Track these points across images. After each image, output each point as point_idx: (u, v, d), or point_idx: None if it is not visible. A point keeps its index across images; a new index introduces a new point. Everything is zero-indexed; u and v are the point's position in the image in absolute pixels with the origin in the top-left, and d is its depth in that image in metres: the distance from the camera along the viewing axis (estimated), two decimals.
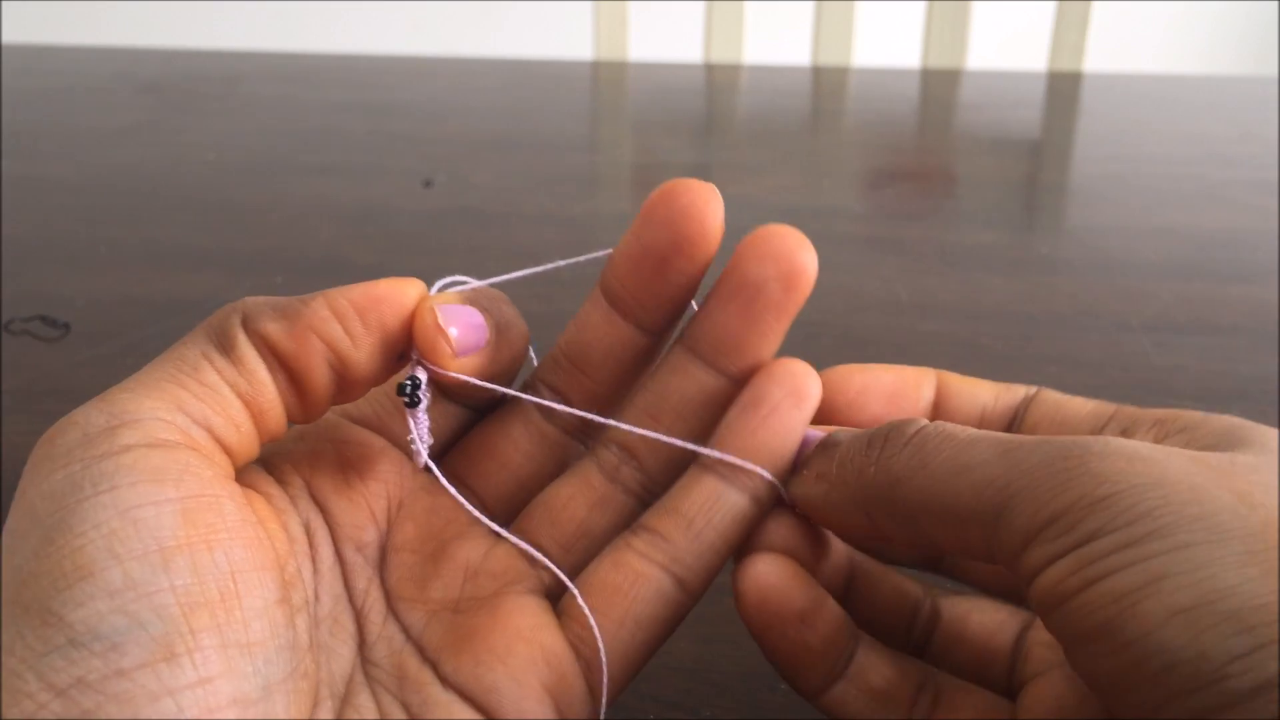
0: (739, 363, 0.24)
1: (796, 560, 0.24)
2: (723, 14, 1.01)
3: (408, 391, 0.23)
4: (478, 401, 0.25)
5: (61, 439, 0.20)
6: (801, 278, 0.23)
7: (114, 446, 0.19)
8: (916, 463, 0.21)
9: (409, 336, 0.22)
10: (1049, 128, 0.82)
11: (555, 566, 0.24)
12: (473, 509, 0.23)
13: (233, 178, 0.68)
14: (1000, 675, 0.25)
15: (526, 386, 0.26)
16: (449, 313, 0.22)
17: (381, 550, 0.24)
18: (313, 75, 0.94)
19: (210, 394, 0.21)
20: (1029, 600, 0.19)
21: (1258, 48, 2.00)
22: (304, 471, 0.24)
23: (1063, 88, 0.91)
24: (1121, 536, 0.17)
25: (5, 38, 1.58)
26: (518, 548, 0.24)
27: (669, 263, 0.24)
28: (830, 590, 0.24)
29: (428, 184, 0.66)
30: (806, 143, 0.79)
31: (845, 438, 0.23)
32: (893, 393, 0.26)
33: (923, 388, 0.26)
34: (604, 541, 0.25)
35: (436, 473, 0.23)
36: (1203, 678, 0.16)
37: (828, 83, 0.94)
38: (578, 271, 0.26)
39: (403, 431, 0.24)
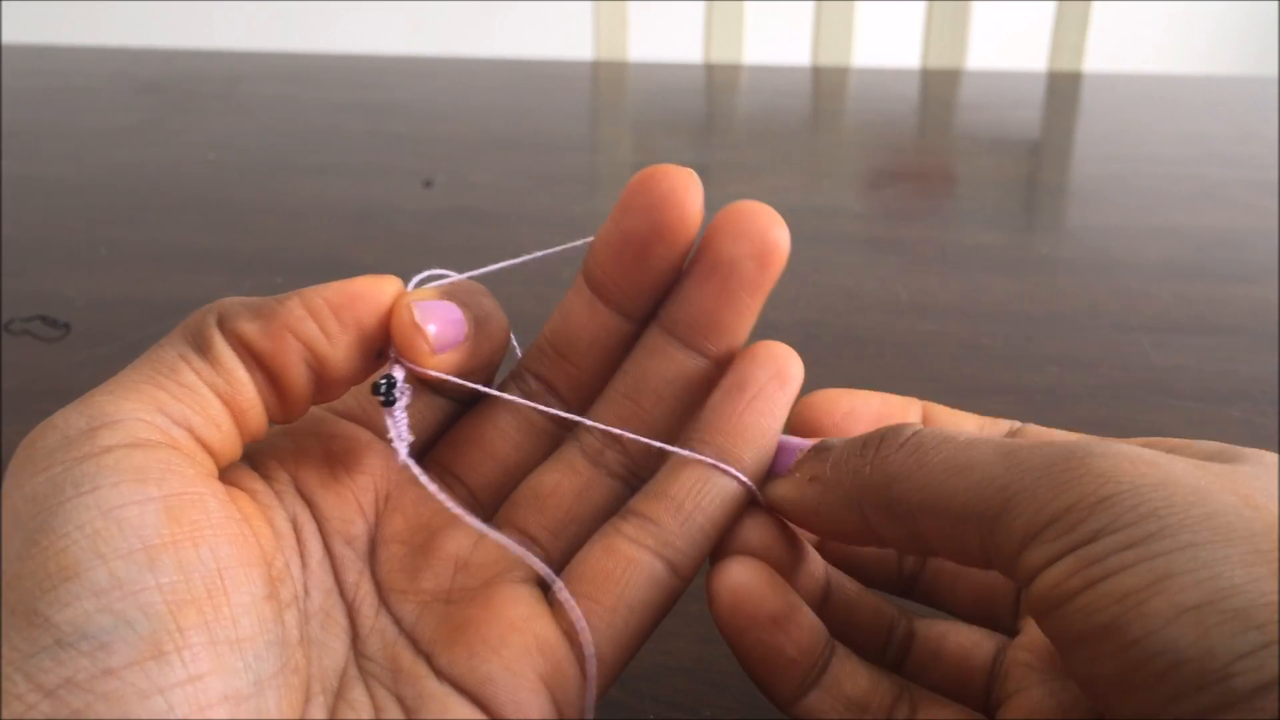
0: (716, 342, 0.24)
1: (772, 564, 0.24)
2: (723, 14, 1.01)
3: (383, 391, 0.22)
4: (462, 393, 0.25)
5: (42, 442, 0.20)
6: (775, 254, 0.23)
7: (95, 448, 0.19)
8: (914, 462, 0.21)
9: (387, 334, 0.22)
10: (1049, 128, 0.82)
11: (543, 558, 0.24)
12: (453, 505, 0.23)
13: (233, 178, 0.68)
14: (977, 694, 0.25)
15: (512, 376, 0.26)
16: (426, 309, 0.22)
17: (371, 543, 0.24)
18: (313, 75, 0.94)
19: (189, 394, 0.21)
20: (1025, 603, 0.19)
21: (1258, 48, 2.00)
22: (289, 467, 0.24)
23: (1063, 88, 0.91)
24: (1125, 536, 0.17)
25: (5, 38, 1.58)
26: (504, 548, 0.24)
27: (650, 249, 0.24)
28: (807, 601, 0.24)
29: (428, 184, 0.66)
30: (806, 143, 0.79)
31: (838, 442, 0.23)
32: (879, 417, 0.26)
33: (909, 415, 0.26)
34: (593, 526, 0.24)
35: (416, 470, 0.23)
36: (1208, 676, 0.16)
37: (828, 83, 0.94)
38: (573, 269, 0.26)
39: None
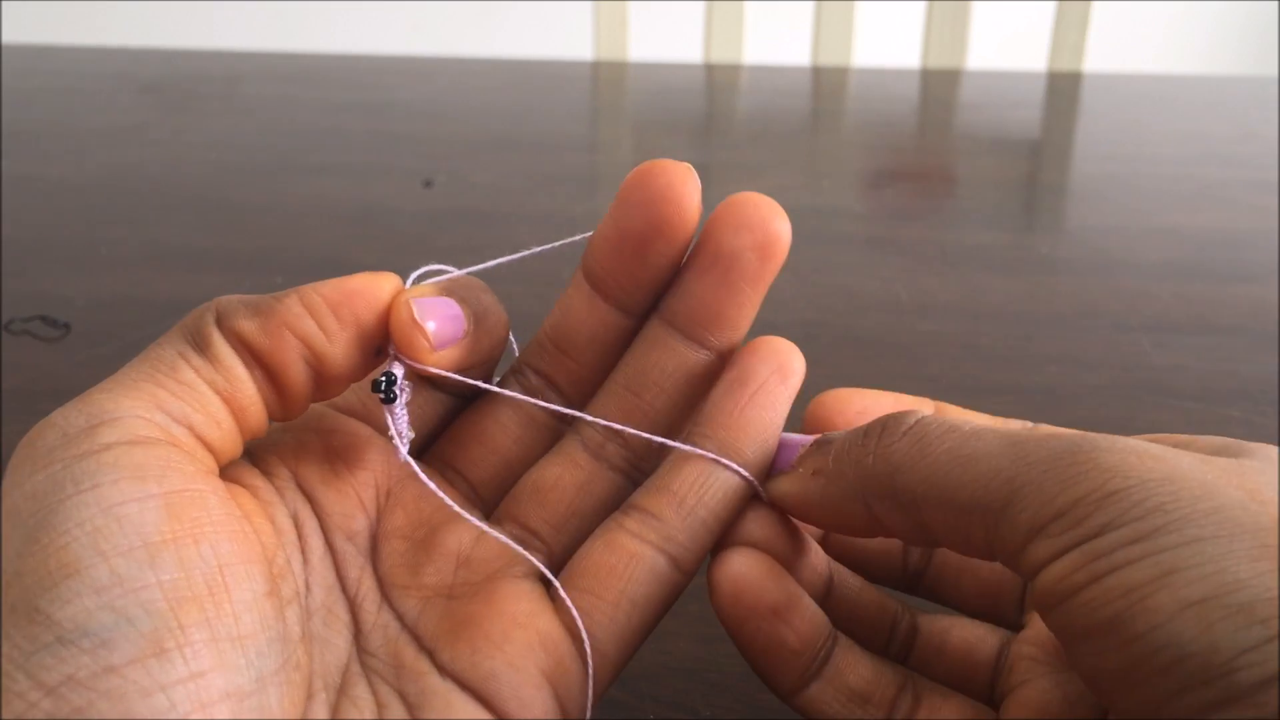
0: (717, 334, 0.24)
1: (774, 557, 0.24)
2: (723, 14, 1.01)
3: (382, 388, 0.22)
4: (463, 388, 0.25)
5: (41, 440, 0.19)
6: (776, 245, 0.23)
7: (94, 445, 0.19)
8: (917, 451, 0.21)
9: (386, 331, 0.22)
10: (1049, 128, 0.82)
11: (544, 552, 0.24)
12: (452, 503, 0.23)
13: (233, 178, 0.68)
14: (982, 687, 0.25)
15: (513, 370, 0.26)
16: (425, 306, 0.22)
17: (372, 538, 0.24)
18: (313, 75, 0.94)
19: (188, 392, 0.21)
20: (1030, 596, 0.19)
21: (1258, 48, 2.00)
22: (290, 463, 0.24)
23: (1063, 88, 0.91)
24: (1131, 530, 0.17)
25: (5, 38, 1.58)
26: (508, 537, 0.24)
27: (648, 245, 0.23)
28: (809, 594, 0.24)
29: (428, 184, 0.66)
30: (806, 143, 0.79)
31: (840, 435, 0.23)
32: None
33: None
34: (594, 519, 0.24)
35: (415, 468, 0.23)
36: (1212, 670, 0.16)
37: (828, 83, 0.94)
38: (573, 268, 0.26)
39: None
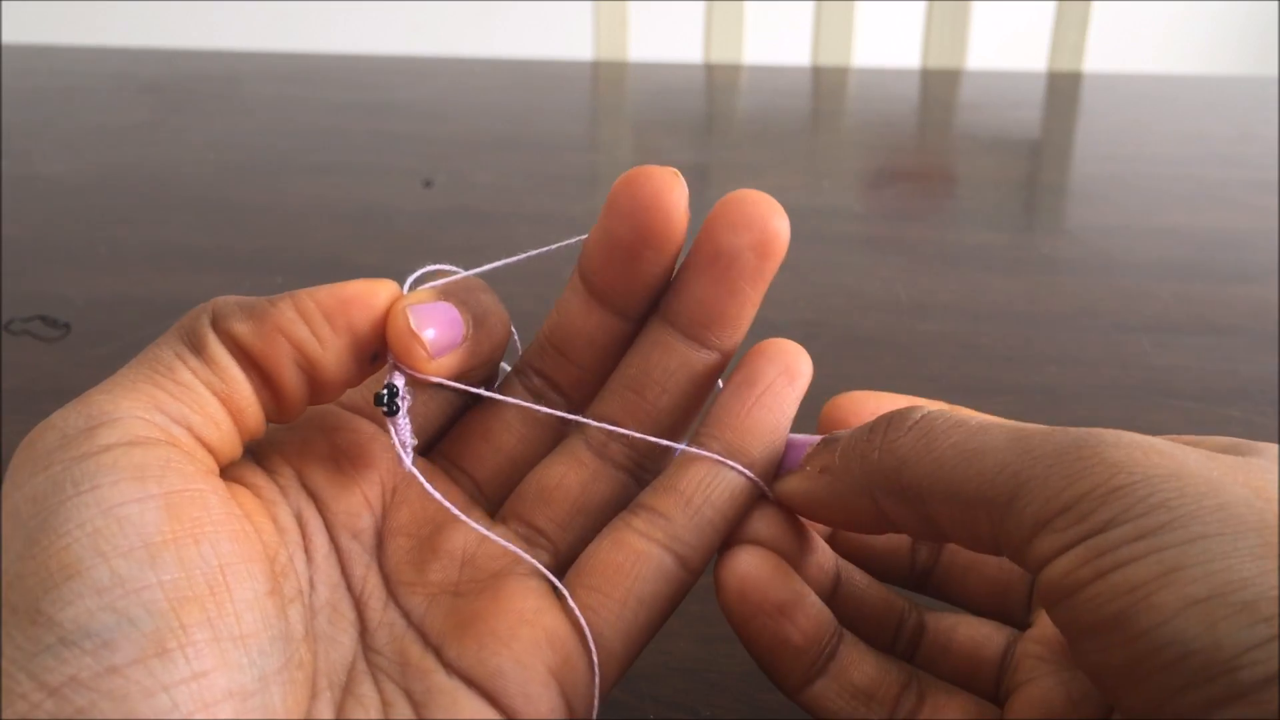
0: (718, 333, 0.24)
1: (780, 554, 0.24)
2: (723, 14, 1.01)
3: (384, 401, 0.22)
4: (469, 384, 0.25)
5: (41, 442, 0.19)
6: (775, 243, 0.23)
7: (93, 446, 0.19)
8: (923, 446, 0.21)
9: (382, 338, 0.22)
10: (1049, 128, 0.82)
11: (550, 550, 0.24)
12: (455, 510, 0.23)
13: (233, 178, 0.68)
14: (987, 685, 0.25)
15: (516, 371, 0.26)
16: (423, 313, 0.22)
17: (378, 536, 0.24)
18: (313, 75, 0.94)
19: (186, 393, 0.21)
20: (1035, 591, 0.19)
21: (1258, 48, 2.00)
22: (294, 461, 0.24)
23: (1063, 88, 0.91)
24: (1136, 527, 0.17)
25: (5, 38, 1.58)
26: (511, 536, 0.24)
27: (638, 254, 0.23)
28: (815, 592, 0.24)
29: (428, 184, 0.66)
30: (806, 143, 0.79)
31: (846, 433, 0.23)
32: None
33: None
34: (599, 518, 0.24)
35: (420, 479, 0.23)
36: (1216, 668, 0.16)
37: (828, 83, 0.94)
38: (573, 267, 0.26)
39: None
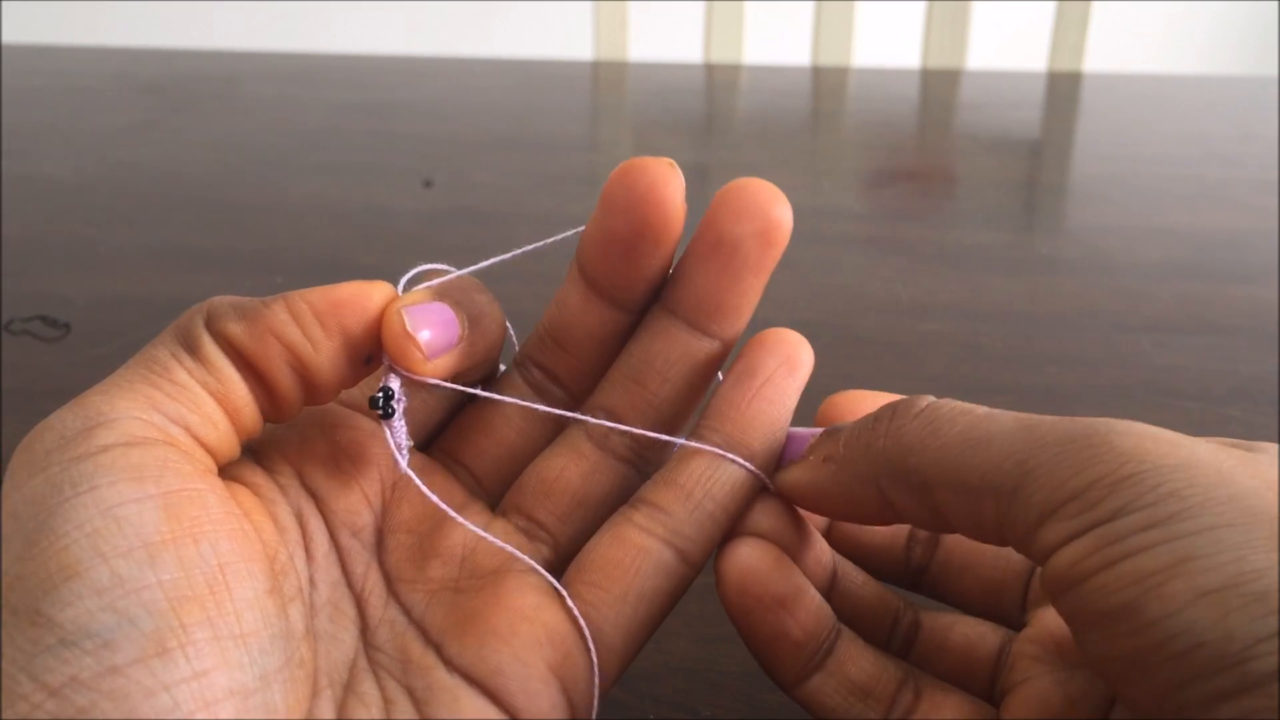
0: (720, 322, 0.24)
1: (780, 547, 0.23)
2: (723, 14, 1.01)
3: (380, 404, 0.22)
4: (466, 383, 0.25)
5: (39, 443, 0.20)
6: (778, 232, 0.23)
7: (91, 447, 0.19)
8: (928, 433, 0.21)
9: (377, 340, 0.22)
10: (1049, 128, 0.82)
11: (550, 544, 0.24)
12: (450, 510, 0.23)
13: (233, 178, 0.68)
14: (982, 684, 0.25)
15: (515, 364, 0.26)
16: (418, 314, 0.22)
17: (378, 533, 0.24)
18: (313, 75, 0.94)
19: (183, 393, 0.21)
20: (1041, 581, 0.19)
21: (1258, 48, 2.00)
22: (294, 460, 0.24)
23: (1063, 88, 0.91)
24: (1145, 516, 0.17)
25: (5, 38, 1.58)
26: (511, 529, 0.24)
27: (635, 247, 0.23)
28: (814, 586, 0.24)
29: (428, 184, 0.66)
30: (806, 143, 0.79)
31: (850, 423, 0.23)
32: None
33: None
34: (599, 510, 0.24)
35: (417, 481, 0.23)
36: (1227, 659, 0.16)
37: (828, 83, 0.94)
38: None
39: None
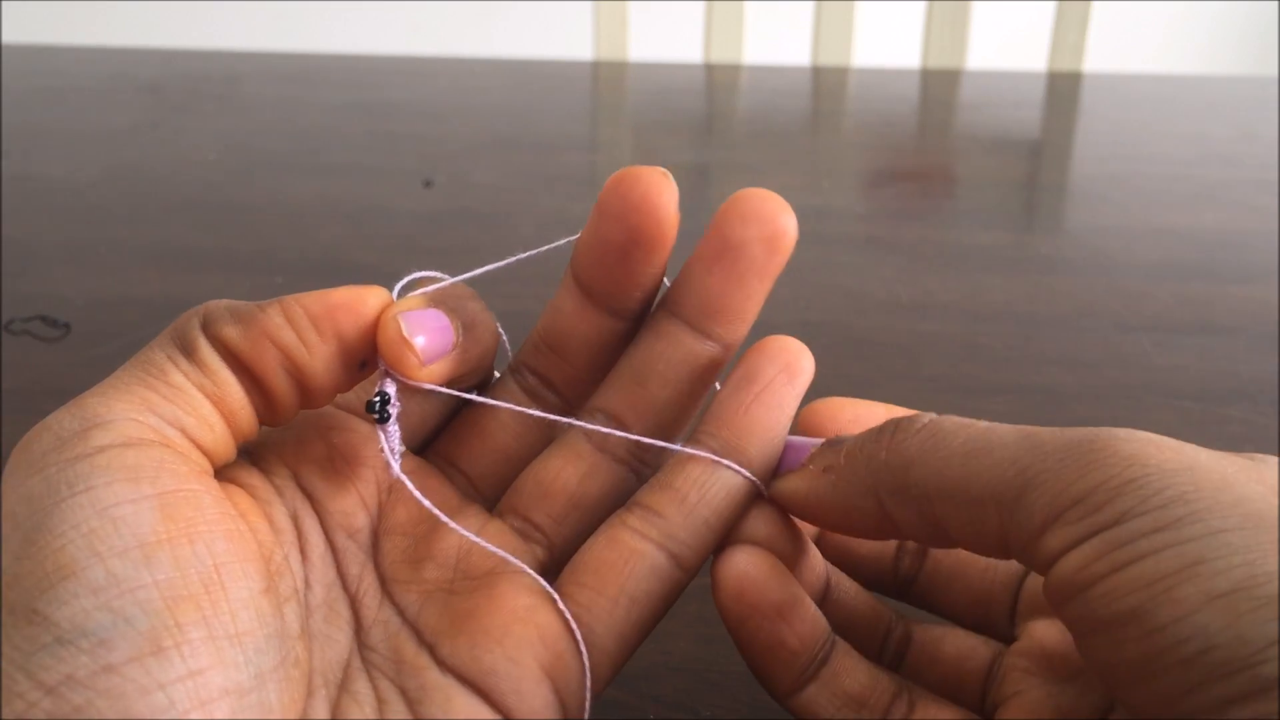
0: (723, 325, 0.24)
1: (776, 556, 0.23)
2: (723, 14, 1.01)
3: (376, 409, 0.22)
4: (461, 389, 0.25)
5: (36, 444, 0.20)
6: (783, 239, 0.23)
7: (88, 448, 0.19)
8: (931, 445, 0.21)
9: (371, 345, 0.22)
10: (1049, 128, 0.82)
11: (545, 545, 0.24)
12: (442, 515, 0.23)
13: (233, 178, 0.68)
14: (974, 696, 0.25)
15: (510, 370, 0.26)
16: (413, 320, 0.22)
17: (374, 535, 0.24)
18: (313, 75, 0.94)
19: (179, 395, 0.21)
20: (1045, 590, 0.19)
21: (1258, 48, 1.99)
22: (290, 462, 0.24)
23: (1063, 88, 0.91)
24: (1151, 520, 0.17)
25: (5, 38, 1.58)
26: (506, 530, 0.24)
27: (629, 255, 0.23)
28: (809, 592, 0.24)
29: (428, 184, 0.66)
30: (806, 143, 0.79)
31: (851, 436, 0.23)
32: None
33: None
34: (596, 511, 0.24)
35: (410, 486, 0.23)
36: (1237, 662, 0.16)
37: (828, 83, 0.94)
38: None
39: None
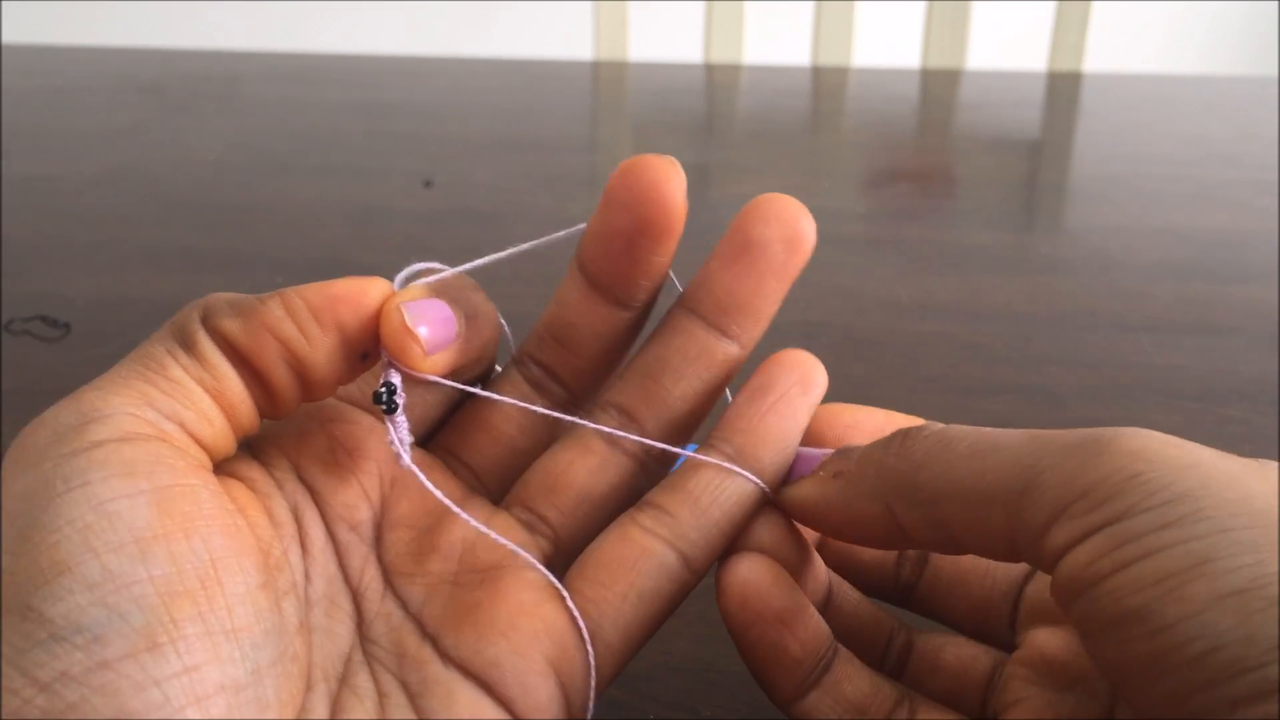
0: (740, 323, 0.24)
1: (781, 562, 0.24)
2: (723, 14, 1.01)
3: (384, 400, 0.22)
4: (463, 381, 0.25)
5: (32, 439, 0.20)
6: (803, 241, 0.24)
7: (84, 443, 0.19)
8: (939, 449, 0.21)
9: (372, 336, 0.22)
10: (1049, 128, 0.82)
11: (552, 538, 0.24)
12: (455, 507, 0.23)
13: (233, 178, 0.68)
14: (973, 706, 0.25)
15: (515, 361, 0.26)
16: (416, 310, 0.22)
17: (377, 528, 0.24)
18: (313, 75, 0.94)
19: (178, 389, 0.21)
20: (1051, 588, 0.19)
21: (1258, 48, 1.99)
22: (291, 454, 0.24)
23: (1063, 88, 0.91)
24: (1158, 515, 0.17)
25: (5, 38, 1.58)
26: (513, 522, 0.24)
27: (636, 244, 0.23)
28: (812, 599, 0.24)
29: (428, 184, 0.66)
30: (806, 143, 0.79)
31: (862, 445, 0.23)
32: (882, 432, 0.26)
33: None
34: (605, 505, 0.24)
35: (420, 476, 0.23)
36: (1245, 663, 0.16)
37: (827, 83, 0.94)
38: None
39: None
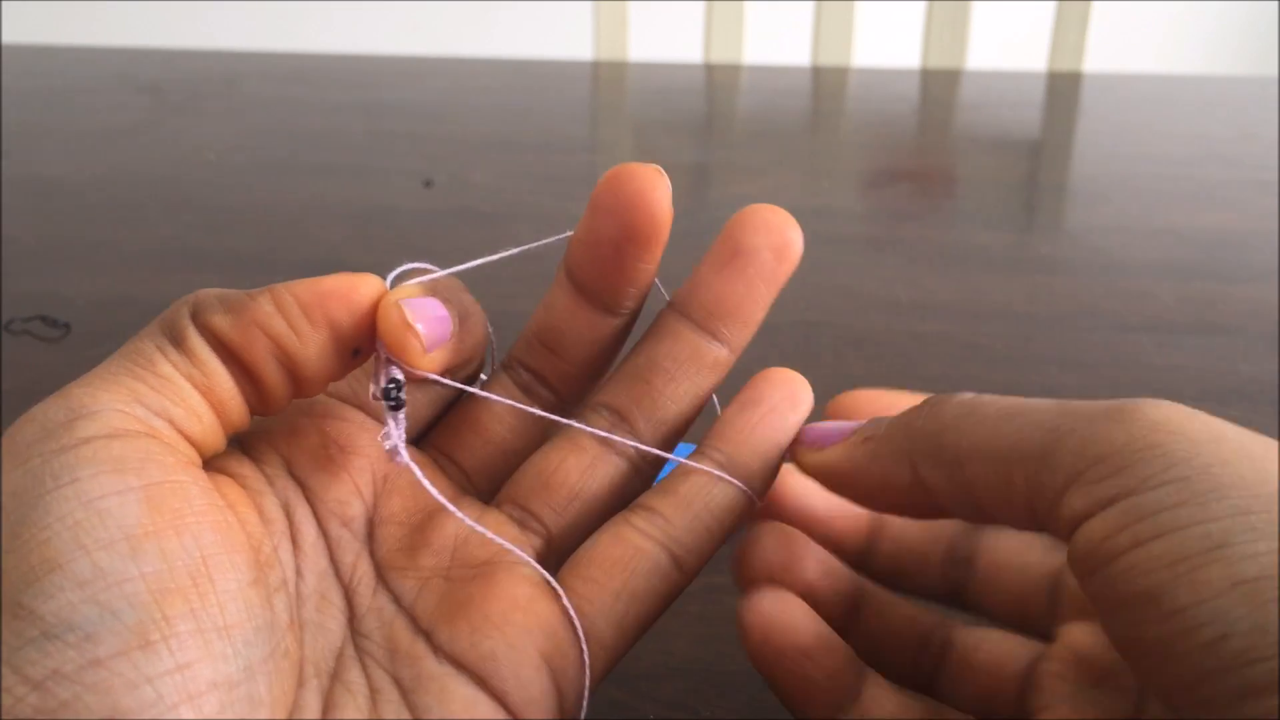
0: (730, 326, 0.25)
1: (793, 576, 0.24)
2: (723, 14, 1.01)
3: (392, 395, 0.22)
4: (454, 379, 0.25)
5: (20, 435, 0.19)
6: (791, 250, 0.24)
7: (73, 439, 0.19)
8: (967, 412, 0.22)
9: (364, 332, 0.22)
10: (1049, 128, 0.82)
11: (543, 535, 0.24)
12: (449, 504, 0.23)
13: (233, 178, 0.68)
14: (1008, 707, 0.25)
15: (504, 365, 0.26)
16: (414, 307, 0.22)
17: (369, 524, 0.24)
18: (313, 75, 0.94)
19: (167, 385, 0.21)
20: (1069, 561, 0.19)
21: (1258, 48, 1.99)
22: (282, 450, 0.24)
23: (1063, 88, 0.91)
24: (1175, 491, 0.17)
25: (5, 38, 1.58)
26: (504, 520, 0.24)
27: (623, 252, 0.24)
28: (834, 614, 0.25)
29: (428, 184, 0.66)
30: (806, 143, 0.79)
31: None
32: None
33: None
34: (596, 503, 0.25)
35: (418, 473, 0.23)
36: (1258, 651, 0.15)
37: (827, 83, 0.94)
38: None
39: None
